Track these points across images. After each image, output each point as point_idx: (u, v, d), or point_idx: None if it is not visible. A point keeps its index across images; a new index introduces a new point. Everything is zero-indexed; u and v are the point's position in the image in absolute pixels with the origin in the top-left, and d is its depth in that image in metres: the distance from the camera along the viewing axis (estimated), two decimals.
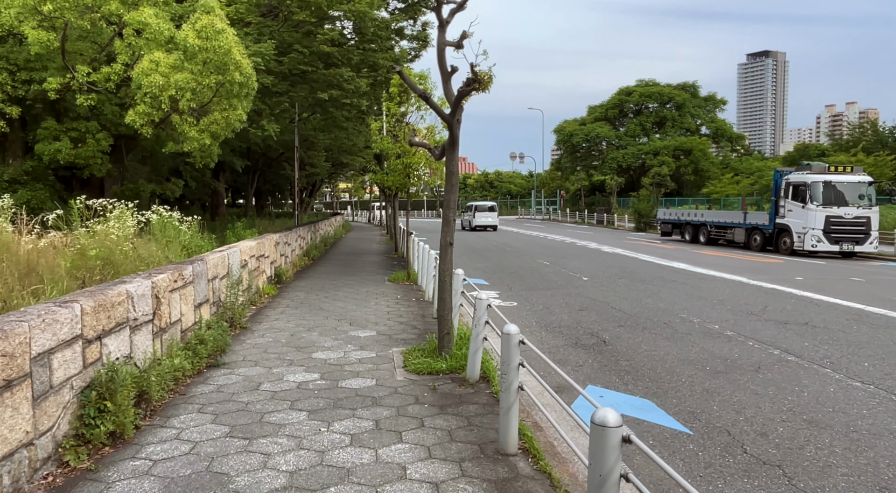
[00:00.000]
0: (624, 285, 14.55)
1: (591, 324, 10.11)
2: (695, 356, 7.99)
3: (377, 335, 8.68)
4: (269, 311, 10.58)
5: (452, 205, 7.22)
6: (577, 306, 11.75)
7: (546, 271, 17.43)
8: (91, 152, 14.13)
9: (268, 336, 8.57)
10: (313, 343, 8.16)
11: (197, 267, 7.94)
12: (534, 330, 9.79)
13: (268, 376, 6.65)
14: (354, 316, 10.12)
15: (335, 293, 12.67)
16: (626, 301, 12.15)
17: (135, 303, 5.86)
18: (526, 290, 14.04)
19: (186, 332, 7.38)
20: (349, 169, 47.95)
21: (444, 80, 7.00)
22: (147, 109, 11.85)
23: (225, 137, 13.44)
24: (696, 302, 11.93)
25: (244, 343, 8.16)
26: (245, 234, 15.11)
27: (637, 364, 7.69)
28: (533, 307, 11.81)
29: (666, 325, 9.90)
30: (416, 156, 14.41)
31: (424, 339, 8.27)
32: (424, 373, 6.69)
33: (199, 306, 8.02)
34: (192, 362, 6.62)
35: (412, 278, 14.52)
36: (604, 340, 9.00)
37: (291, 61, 17.03)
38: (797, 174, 23.16)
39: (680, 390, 6.66)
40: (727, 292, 13.22)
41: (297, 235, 18.59)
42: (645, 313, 10.96)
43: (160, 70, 11.75)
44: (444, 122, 6.84)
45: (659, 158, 51.44)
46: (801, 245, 22.47)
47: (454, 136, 6.97)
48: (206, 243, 11.21)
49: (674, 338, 9.01)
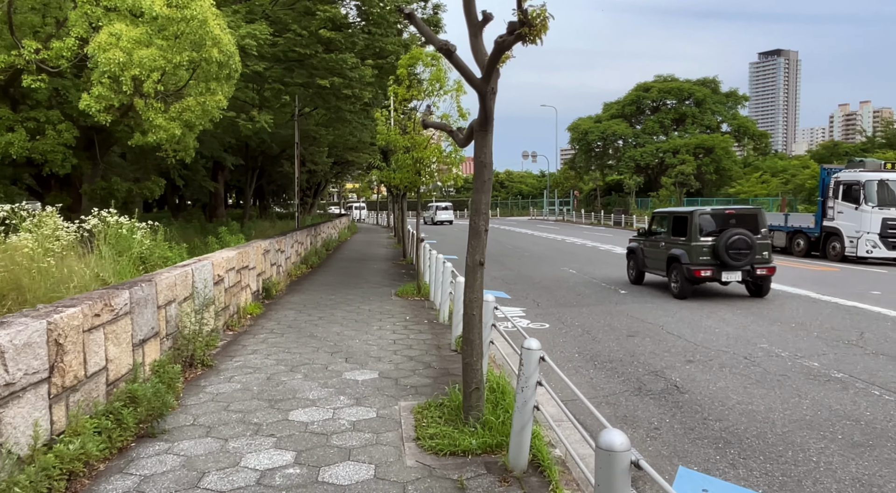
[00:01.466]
0: (670, 300, 12.42)
1: (649, 357, 8.01)
2: (811, 415, 5.87)
3: (380, 379, 6.61)
4: (248, 339, 8.53)
5: (484, 210, 5.14)
6: (625, 330, 9.65)
7: (574, 282, 15.32)
8: (51, 146, 12.13)
9: (236, 381, 6.52)
10: (294, 393, 6.10)
11: (138, 292, 5.91)
12: (578, 366, 7.71)
13: (219, 457, 4.60)
14: (352, 347, 8.06)
15: (332, 312, 10.61)
16: (683, 325, 10.03)
17: (7, 360, 3.83)
18: (556, 306, 11.95)
19: (116, 384, 5.35)
20: (355, 168, 45.94)
21: (471, 34, 4.90)
22: (105, 92, 9.84)
23: (203, 128, 11.44)
24: (770, 327, 9.79)
25: (202, 393, 6.11)
26: (229, 240, 13.10)
27: (735, 427, 5.59)
28: (570, 331, 9.72)
29: (748, 360, 7.78)
30: (428, 149, 12.33)
31: (442, 388, 6.20)
32: (446, 453, 4.61)
33: (143, 343, 5.99)
34: (109, 437, 4.58)
35: (423, 291, 12.46)
36: (675, 384, 6.90)
37: (287, 42, 15.01)
38: (849, 172, 20.90)
39: (819, 480, 4.56)
40: (801, 311, 11.07)
41: (294, 240, 16.56)
42: (713, 341, 8.84)
43: (121, 44, 9.75)
44: (475, 90, 4.76)
45: (679, 157, 49.12)
46: (853, 251, 20.21)
47: (487, 111, 4.89)
48: (175, 254, 9.20)
49: (767, 382, 6.89)
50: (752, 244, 12.19)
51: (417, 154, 12.20)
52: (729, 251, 12.17)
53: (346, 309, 10.93)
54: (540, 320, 10.58)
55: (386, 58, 18.49)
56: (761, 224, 12.89)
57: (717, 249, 12.27)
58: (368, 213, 79.32)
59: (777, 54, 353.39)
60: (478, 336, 5.18)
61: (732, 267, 12.30)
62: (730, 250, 12.17)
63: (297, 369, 6.99)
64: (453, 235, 37.40)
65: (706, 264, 12.37)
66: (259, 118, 15.26)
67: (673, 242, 13.22)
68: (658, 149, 53.89)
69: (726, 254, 12.18)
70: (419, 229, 14.92)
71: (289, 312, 10.66)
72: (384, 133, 12.46)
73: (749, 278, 12.58)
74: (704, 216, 12.86)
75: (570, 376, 7.10)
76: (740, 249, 12.18)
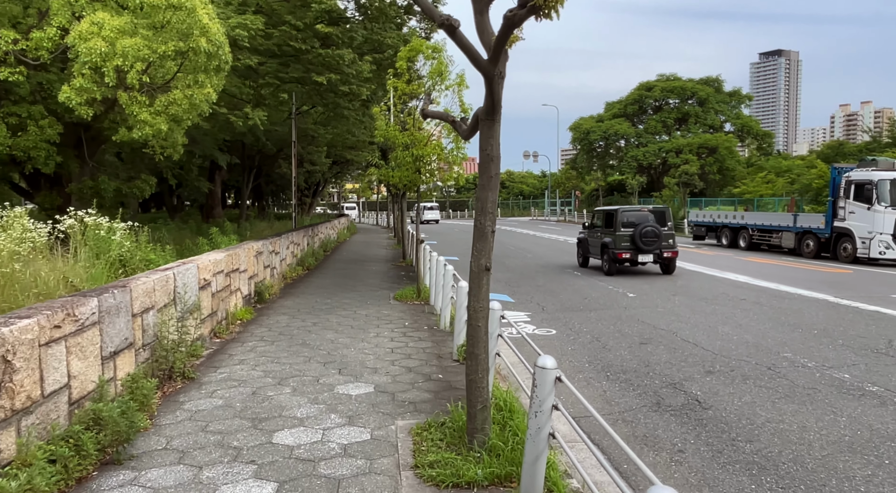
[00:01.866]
0: (682, 304, 11.87)
1: (665, 367, 7.46)
2: (851, 436, 5.32)
3: (375, 393, 6.06)
4: (235, 347, 7.98)
5: (490, 209, 4.59)
6: (637, 337, 9.10)
7: (580, 285, 14.77)
8: (33, 142, 11.59)
9: (218, 396, 5.97)
10: (281, 411, 5.55)
11: (109, 299, 5.37)
12: (589, 376, 7.17)
13: (190, 489, 4.05)
14: (347, 357, 7.51)
15: (327, 318, 10.06)
16: (697, 331, 9.48)
17: None
18: (562, 310, 11.40)
19: (81, 403, 4.80)
20: (355, 168, 45.38)
21: (476, 10, 4.36)
22: (86, 84, 9.31)
23: (192, 123, 10.89)
24: (791, 333, 9.24)
25: (180, 410, 5.56)
26: (220, 241, 12.55)
27: (768, 450, 5.04)
28: (578, 337, 9.18)
29: (772, 372, 7.23)
30: (429, 146, 11.78)
31: (444, 404, 5.65)
32: (448, 485, 4.06)
33: (114, 356, 5.44)
34: (66, 466, 4.04)
35: (423, 295, 11.91)
36: (697, 398, 6.35)
37: (282, 35, 14.45)
38: (860, 171, 20.33)
39: None
40: (821, 317, 10.51)
41: (290, 240, 16.01)
42: (732, 350, 8.29)
43: (104, 34, 9.21)
44: (481, 72, 4.21)
45: (682, 157, 48.46)
46: (865, 252, 19.64)
47: (495, 97, 4.34)
48: (159, 256, 8.65)
49: (796, 396, 6.34)
50: (660, 234, 16.03)
51: (417, 151, 11.64)
52: (642, 239, 15.88)
53: (342, 314, 10.38)
54: (546, 326, 10.04)
55: (384, 53, 17.94)
56: (668, 219, 16.69)
57: (634, 237, 15.87)
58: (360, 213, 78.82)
59: (778, 54, 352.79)
60: (483, 350, 4.63)
61: (645, 251, 15.99)
62: (643, 239, 15.89)
63: (285, 381, 6.44)
64: (453, 235, 36.85)
65: (626, 248, 16.02)
66: (253, 115, 14.70)
67: (605, 233, 16.74)
68: (661, 148, 53.24)
69: (640, 241, 15.85)
70: (419, 230, 14.37)
71: (281, 317, 10.11)
72: (383, 129, 11.91)
73: (658, 260, 16.29)
74: (625, 213, 16.60)
75: (582, 388, 6.56)
76: (650, 237, 15.93)
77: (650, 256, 15.97)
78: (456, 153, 11.87)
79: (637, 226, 15.85)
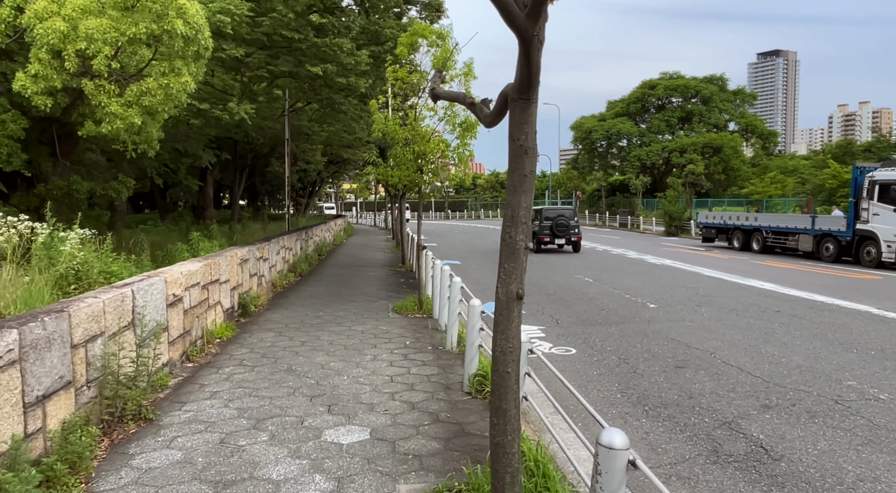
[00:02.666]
0: (712, 317, 10.77)
1: (712, 399, 6.35)
2: None
3: (371, 442, 4.94)
4: (209, 375, 6.85)
5: (523, 217, 3.46)
6: (670, 359, 7.99)
7: (594, 293, 13.66)
8: None
9: (177, 446, 4.84)
10: (252, 469, 4.43)
11: (36, 329, 4.25)
12: (625, 412, 6.05)
13: None
14: (338, 388, 6.39)
15: (318, 335, 8.94)
16: (738, 351, 8.37)
17: None
18: (580, 324, 10.30)
19: None
20: (352, 167, 44.24)
21: None
22: (44, 71, 8.18)
23: (169, 115, 9.75)
24: (846, 355, 8.14)
25: (126, 468, 4.44)
26: (201, 247, 11.41)
27: None
28: (602, 359, 8.07)
29: (841, 406, 6.13)
30: (432, 142, 10.65)
31: (456, 460, 4.54)
32: None
33: (43, 400, 4.32)
34: None
35: (425, 307, 10.79)
36: (760, 444, 5.25)
37: (273, 23, 13.31)
38: (886, 171, 19.24)
39: None
40: (872, 333, 9.41)
41: (281, 245, 14.87)
42: (784, 376, 7.18)
43: (64, 13, 8.09)
44: (517, 33, 3.09)
45: (686, 156, 47.42)
46: (891, 256, 18.58)
47: (532, 67, 3.22)
48: (122, 269, 7.51)
49: (883, 442, 5.24)
50: (568, 225, 23.63)
51: (419, 148, 10.53)
52: (556, 228, 23.55)
53: (335, 331, 9.25)
54: (563, 343, 8.94)
55: (383, 44, 16.82)
56: (575, 215, 24.64)
57: (552, 227, 23.53)
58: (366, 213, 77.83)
59: (776, 55, 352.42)
60: (514, 405, 3.51)
61: (559, 236, 23.58)
62: (556, 228, 23.55)
63: (262, 424, 5.31)
64: (453, 236, 35.74)
65: (546, 234, 23.63)
66: (238, 109, 13.55)
67: (535, 225, 22.99)
68: (664, 148, 52.19)
69: (555, 229, 23.51)
70: (421, 234, 13.24)
71: (266, 334, 8.98)
72: (381, 123, 10.78)
73: (569, 243, 23.72)
74: (546, 211, 24.27)
75: (619, 427, 5.46)
76: (562, 226, 23.58)
77: (563, 239, 23.52)
78: (462, 150, 10.75)
79: (553, 219, 23.58)
